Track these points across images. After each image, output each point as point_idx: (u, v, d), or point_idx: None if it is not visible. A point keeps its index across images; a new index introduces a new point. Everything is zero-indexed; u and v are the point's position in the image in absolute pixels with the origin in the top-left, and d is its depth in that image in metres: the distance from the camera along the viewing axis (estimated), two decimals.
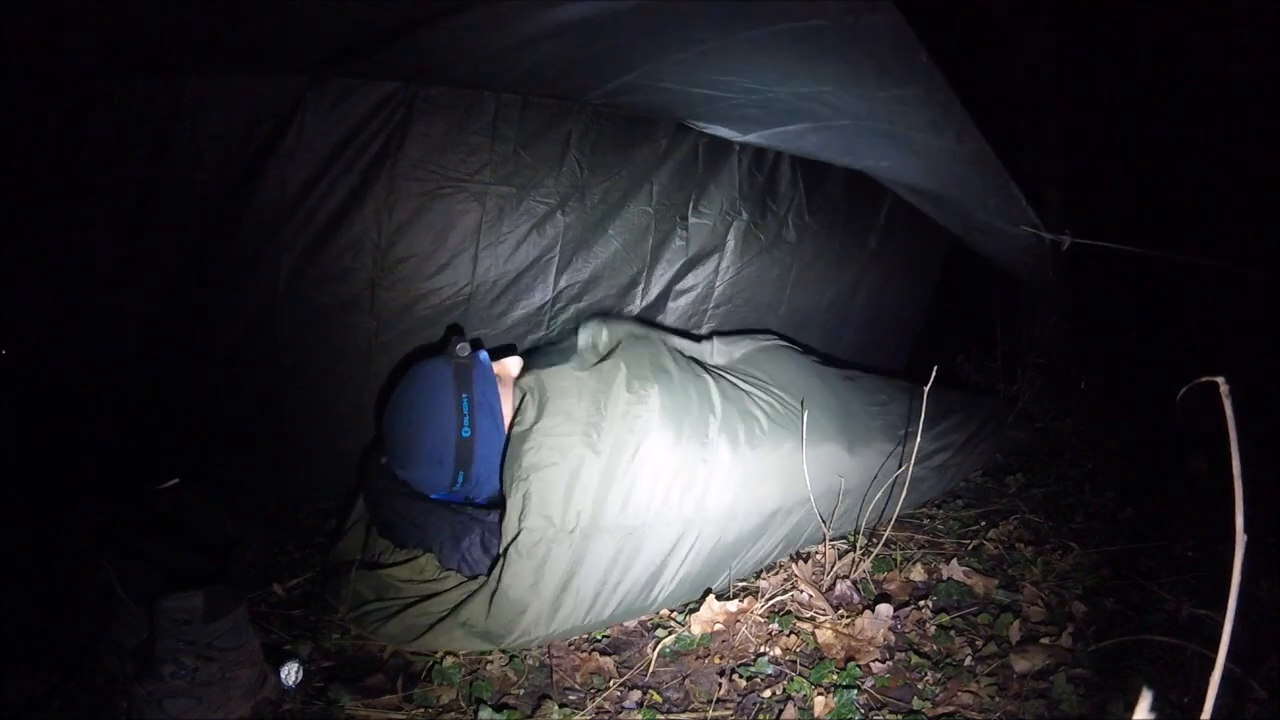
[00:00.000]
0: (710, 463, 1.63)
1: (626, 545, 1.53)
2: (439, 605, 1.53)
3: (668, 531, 1.57)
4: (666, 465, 1.58)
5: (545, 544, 1.45)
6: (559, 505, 1.47)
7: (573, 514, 1.47)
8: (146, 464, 1.92)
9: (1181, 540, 1.90)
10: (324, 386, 2.10)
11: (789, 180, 2.67)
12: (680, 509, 1.58)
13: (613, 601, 1.54)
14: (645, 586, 1.57)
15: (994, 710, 1.32)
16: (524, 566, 1.44)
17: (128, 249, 1.81)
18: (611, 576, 1.52)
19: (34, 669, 1.33)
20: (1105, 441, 2.73)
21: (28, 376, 1.83)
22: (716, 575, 1.69)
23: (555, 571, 1.46)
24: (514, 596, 1.45)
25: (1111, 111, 3.76)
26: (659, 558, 1.57)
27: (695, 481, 1.60)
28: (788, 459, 1.74)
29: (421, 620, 1.51)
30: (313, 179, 1.91)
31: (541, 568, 1.45)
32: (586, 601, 1.51)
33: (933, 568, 1.82)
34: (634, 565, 1.54)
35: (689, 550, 1.60)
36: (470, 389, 1.65)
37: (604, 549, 1.50)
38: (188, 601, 1.23)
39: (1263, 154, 2.91)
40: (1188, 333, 3.15)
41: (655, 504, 1.55)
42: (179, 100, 1.73)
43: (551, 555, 1.45)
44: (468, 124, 2.03)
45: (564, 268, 2.31)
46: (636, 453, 1.55)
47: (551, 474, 1.48)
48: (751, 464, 1.68)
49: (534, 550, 1.44)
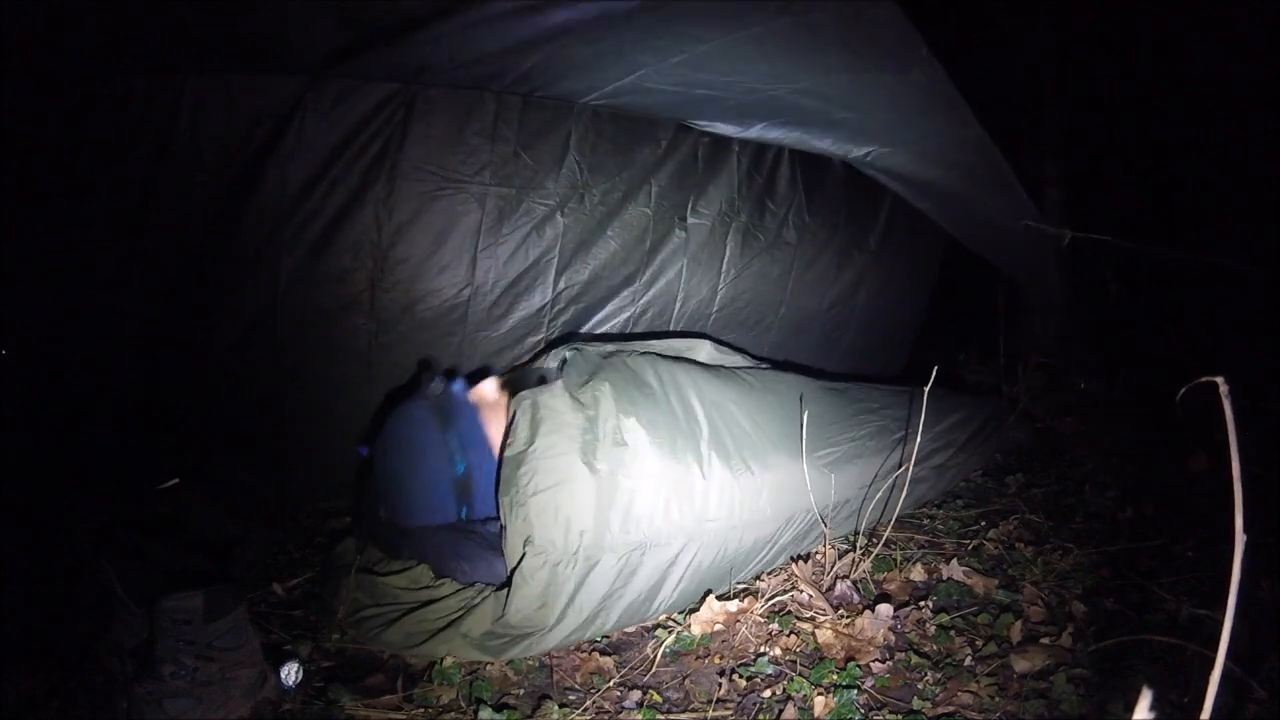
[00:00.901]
0: (707, 477, 1.62)
1: (629, 561, 1.53)
2: (437, 613, 1.52)
3: (669, 546, 1.57)
4: (665, 480, 1.57)
5: (549, 567, 1.45)
6: (561, 528, 1.46)
7: (575, 535, 1.47)
8: (146, 464, 1.92)
9: (1181, 540, 1.89)
10: (324, 387, 2.10)
11: (788, 180, 2.67)
12: (680, 523, 1.58)
13: (614, 613, 1.54)
14: (646, 599, 1.58)
15: (994, 710, 1.32)
16: (530, 591, 1.44)
17: (128, 249, 1.81)
18: (614, 591, 1.53)
19: (34, 669, 1.33)
20: (1105, 441, 2.73)
21: (28, 376, 1.83)
22: (719, 583, 1.69)
23: (560, 593, 1.46)
24: (518, 619, 1.45)
25: (1111, 111, 3.76)
26: (660, 571, 1.57)
27: (694, 495, 1.60)
28: (783, 471, 1.74)
29: (421, 628, 1.50)
30: (313, 179, 1.91)
31: (546, 590, 1.45)
32: (589, 615, 1.51)
33: (933, 568, 1.82)
34: (635, 579, 1.54)
35: (690, 562, 1.60)
36: (455, 424, 1.64)
37: (607, 567, 1.50)
38: (188, 601, 1.23)
39: (1263, 154, 2.91)
40: (1188, 332, 3.15)
41: (656, 519, 1.55)
42: (179, 100, 1.73)
43: (556, 577, 1.45)
44: (468, 125, 2.03)
45: (563, 269, 2.31)
46: (634, 468, 1.55)
47: (551, 497, 1.47)
48: (746, 477, 1.68)
49: (538, 575, 1.44)
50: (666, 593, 1.60)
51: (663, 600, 1.61)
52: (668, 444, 1.61)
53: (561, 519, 1.46)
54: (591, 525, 1.48)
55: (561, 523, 1.46)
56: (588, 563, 1.48)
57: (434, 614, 1.52)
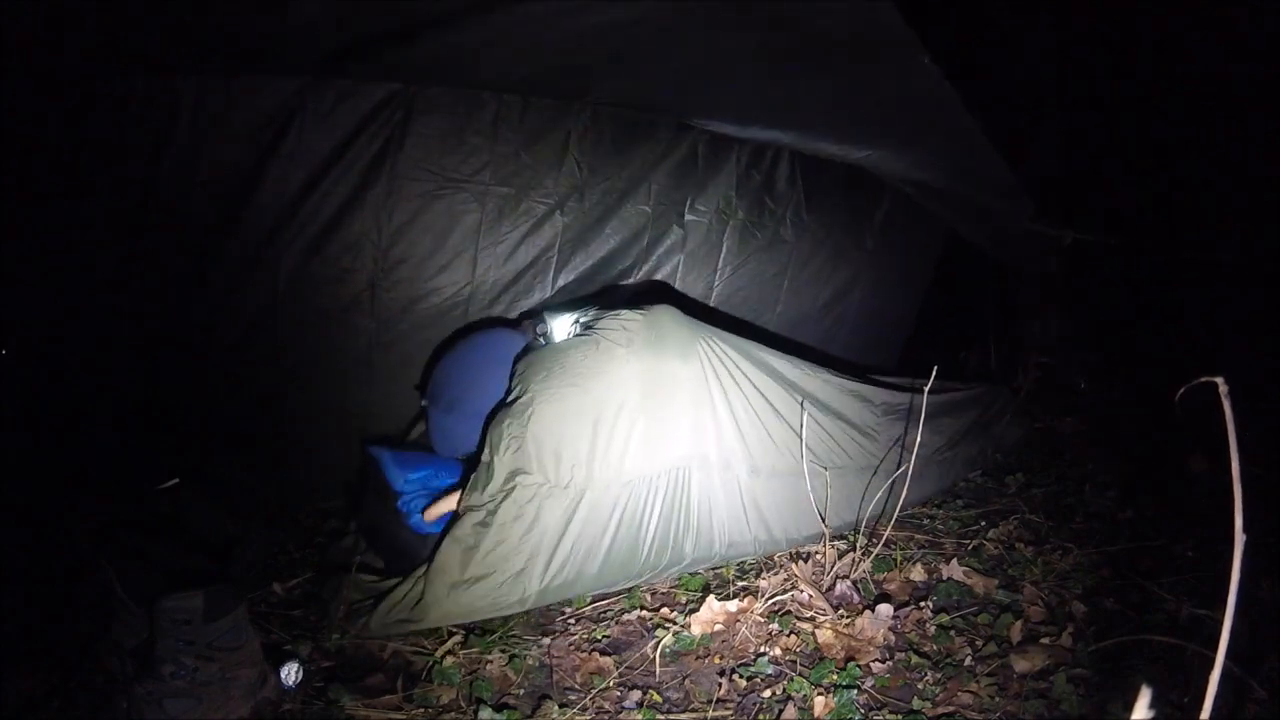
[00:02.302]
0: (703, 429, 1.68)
1: (616, 498, 1.58)
2: (406, 586, 1.54)
3: (651, 483, 1.62)
4: (657, 423, 1.63)
5: (538, 501, 1.49)
6: (553, 460, 1.51)
7: (567, 468, 1.52)
8: (146, 464, 1.92)
9: (1181, 540, 1.89)
10: (324, 386, 2.10)
11: (787, 179, 2.67)
12: (663, 462, 1.63)
13: (598, 561, 1.58)
14: (630, 546, 1.62)
15: (994, 710, 1.32)
16: (516, 527, 1.48)
17: (128, 249, 1.81)
18: (601, 531, 1.57)
19: (34, 669, 1.33)
20: (1105, 441, 2.72)
21: (28, 376, 1.82)
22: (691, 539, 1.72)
23: (546, 528, 1.50)
24: (495, 556, 1.47)
25: (1111, 111, 3.76)
26: (641, 511, 1.62)
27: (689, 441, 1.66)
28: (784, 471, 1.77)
29: (399, 606, 1.52)
30: (313, 180, 1.91)
31: (533, 525, 1.49)
32: (577, 555, 1.55)
33: (933, 568, 1.82)
34: (622, 518, 1.59)
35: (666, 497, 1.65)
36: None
37: (594, 500, 1.55)
38: (188, 601, 1.23)
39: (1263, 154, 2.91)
40: (1188, 332, 3.14)
41: (650, 458, 1.61)
42: (179, 100, 1.73)
43: (543, 511, 1.49)
44: (468, 125, 2.03)
45: (562, 267, 2.32)
46: (629, 415, 1.60)
47: (549, 429, 1.52)
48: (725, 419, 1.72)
49: (526, 508, 1.48)
50: (646, 535, 1.64)
51: (644, 551, 1.64)
52: (669, 399, 1.65)
53: (556, 451, 1.52)
54: (585, 459, 1.54)
55: (556, 454, 1.52)
56: (579, 496, 1.52)
57: (404, 587, 1.55)
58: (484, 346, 1.88)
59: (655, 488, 1.63)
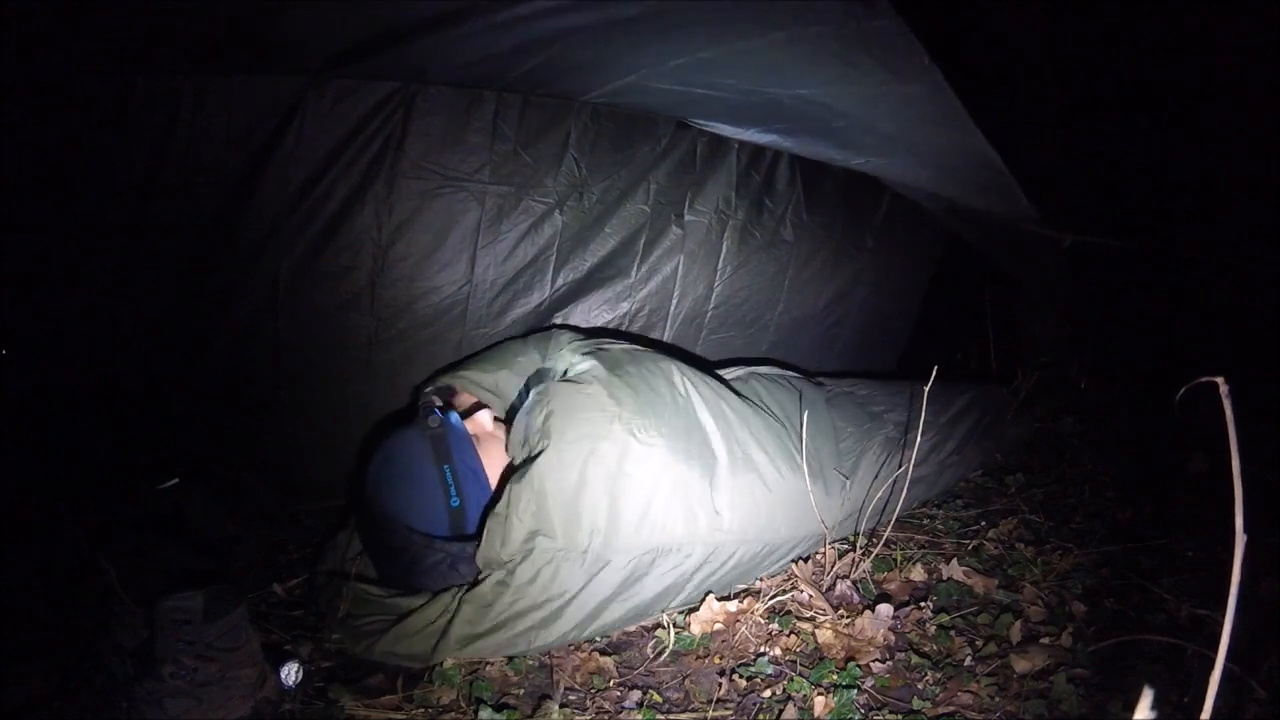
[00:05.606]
0: (724, 488, 1.62)
1: (639, 565, 1.52)
2: (420, 621, 1.48)
3: (680, 552, 1.56)
4: (681, 486, 1.56)
5: (556, 564, 1.44)
6: (573, 524, 1.44)
7: (586, 533, 1.45)
8: (146, 464, 1.92)
9: (1181, 540, 1.89)
10: (324, 385, 2.10)
11: (787, 179, 2.67)
12: (695, 531, 1.57)
13: (616, 614, 1.53)
14: (652, 603, 1.58)
15: (994, 710, 1.32)
16: (534, 588, 1.43)
17: (127, 248, 1.81)
18: (619, 594, 1.52)
19: (34, 669, 1.33)
20: (1105, 441, 2.73)
21: (28, 377, 1.82)
22: (723, 589, 1.70)
23: (564, 591, 1.45)
24: (513, 612, 1.44)
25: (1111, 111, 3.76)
26: (668, 578, 1.57)
27: (709, 504, 1.59)
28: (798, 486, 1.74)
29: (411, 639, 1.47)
30: (313, 179, 1.91)
31: (550, 586, 1.44)
32: (590, 613, 1.50)
33: (933, 568, 1.82)
34: (643, 585, 1.54)
35: (699, 568, 1.60)
36: (450, 458, 1.61)
37: (616, 568, 1.49)
38: (188, 601, 1.23)
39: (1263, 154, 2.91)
40: (1188, 332, 3.14)
41: (673, 526, 1.54)
42: (179, 100, 1.72)
43: (560, 574, 1.44)
44: (467, 123, 2.03)
45: (561, 266, 2.31)
46: (652, 473, 1.53)
47: (568, 492, 1.45)
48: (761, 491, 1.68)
49: (544, 570, 1.44)
50: (671, 598, 1.61)
51: (667, 604, 1.61)
52: (683, 451, 1.60)
53: (575, 515, 1.45)
54: (604, 525, 1.47)
55: (574, 519, 1.45)
56: (597, 562, 1.47)
57: (418, 622, 1.48)
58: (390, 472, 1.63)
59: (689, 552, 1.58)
